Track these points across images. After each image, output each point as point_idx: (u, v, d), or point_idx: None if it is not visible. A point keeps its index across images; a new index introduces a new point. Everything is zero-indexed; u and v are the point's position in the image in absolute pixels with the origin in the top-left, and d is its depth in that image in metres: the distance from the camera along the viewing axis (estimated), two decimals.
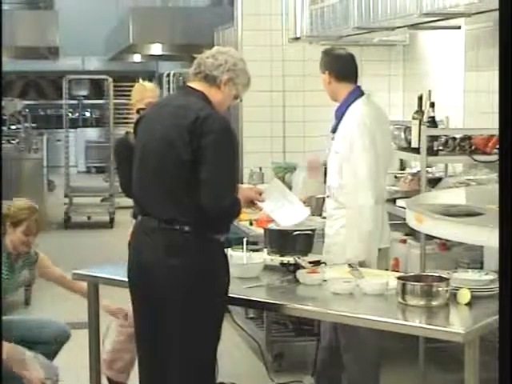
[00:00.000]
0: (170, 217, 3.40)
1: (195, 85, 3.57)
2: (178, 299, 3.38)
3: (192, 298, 3.38)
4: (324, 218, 5.30)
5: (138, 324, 3.62)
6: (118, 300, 4.56)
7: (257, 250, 4.18)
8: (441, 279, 3.49)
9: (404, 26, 5.57)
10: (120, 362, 4.75)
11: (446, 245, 5.28)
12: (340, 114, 4.52)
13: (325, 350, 4.58)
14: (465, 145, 5.11)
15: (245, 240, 4.07)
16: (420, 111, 5.56)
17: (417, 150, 5.11)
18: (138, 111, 4.81)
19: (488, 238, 2.91)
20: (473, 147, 5.09)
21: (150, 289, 3.44)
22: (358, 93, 4.55)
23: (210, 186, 3.33)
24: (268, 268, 4.04)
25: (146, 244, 3.48)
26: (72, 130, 15.70)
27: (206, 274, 3.40)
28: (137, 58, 15.71)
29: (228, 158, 3.42)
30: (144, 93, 4.89)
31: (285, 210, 3.78)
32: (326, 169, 4.73)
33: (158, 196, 3.44)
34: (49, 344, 4.55)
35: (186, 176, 3.35)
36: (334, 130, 4.58)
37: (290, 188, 6.42)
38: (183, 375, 3.45)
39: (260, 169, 7.09)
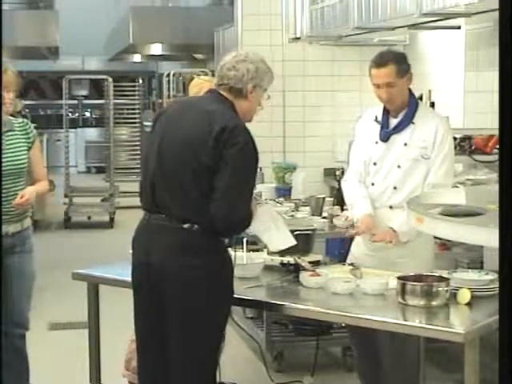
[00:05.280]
0: (181, 215, 3.39)
1: (224, 93, 3.53)
2: (189, 298, 3.37)
3: (201, 298, 3.37)
4: (324, 217, 5.30)
5: (140, 324, 3.61)
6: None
7: (257, 250, 4.18)
8: (441, 279, 3.49)
9: (404, 26, 5.58)
10: (134, 362, 4.76)
11: (446, 245, 5.28)
12: (409, 119, 4.19)
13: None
14: (465, 145, 5.11)
15: (245, 240, 4.06)
16: None
17: None
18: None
19: (488, 237, 2.90)
20: (473, 147, 5.10)
21: (159, 288, 3.42)
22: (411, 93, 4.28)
23: (225, 198, 3.33)
24: (268, 268, 4.04)
25: (155, 244, 3.45)
26: (72, 129, 15.69)
27: (217, 273, 3.41)
28: (137, 58, 15.72)
29: (248, 172, 3.42)
30: (203, 84, 4.81)
31: (271, 234, 3.76)
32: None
33: (172, 194, 3.42)
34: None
35: (202, 179, 3.35)
36: (387, 138, 4.26)
37: (290, 188, 6.43)
38: (185, 375, 3.44)
39: (260, 169, 7.05)
